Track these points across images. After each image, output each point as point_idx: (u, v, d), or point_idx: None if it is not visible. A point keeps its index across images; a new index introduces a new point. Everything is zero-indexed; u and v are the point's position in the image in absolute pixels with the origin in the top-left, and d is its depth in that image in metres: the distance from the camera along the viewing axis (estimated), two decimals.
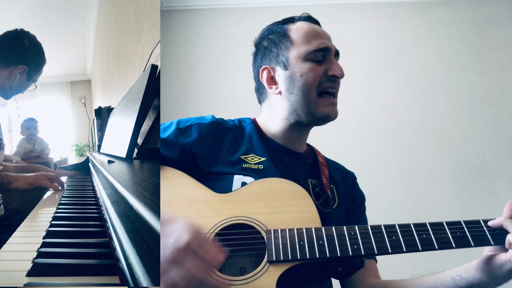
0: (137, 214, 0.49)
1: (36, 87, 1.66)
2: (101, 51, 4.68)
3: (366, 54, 2.86)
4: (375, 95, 2.77)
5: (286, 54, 0.93)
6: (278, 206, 0.77)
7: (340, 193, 0.99)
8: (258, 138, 0.95)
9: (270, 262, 0.69)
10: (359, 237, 0.71)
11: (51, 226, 0.93)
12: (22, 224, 1.01)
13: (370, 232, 0.72)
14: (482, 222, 0.73)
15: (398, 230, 0.71)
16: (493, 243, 0.71)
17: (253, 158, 0.91)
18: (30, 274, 0.65)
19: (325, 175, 0.97)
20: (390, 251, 0.70)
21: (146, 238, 0.47)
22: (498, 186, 2.50)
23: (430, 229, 0.71)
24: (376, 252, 0.70)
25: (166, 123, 0.95)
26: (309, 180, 0.95)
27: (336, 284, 0.97)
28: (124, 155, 1.22)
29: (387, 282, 0.91)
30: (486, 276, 0.73)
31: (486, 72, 2.74)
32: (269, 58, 0.96)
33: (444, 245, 0.70)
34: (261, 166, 0.89)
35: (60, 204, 1.23)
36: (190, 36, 3.00)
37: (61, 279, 0.64)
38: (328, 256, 0.69)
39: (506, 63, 2.74)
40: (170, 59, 2.96)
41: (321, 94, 0.91)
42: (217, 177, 0.87)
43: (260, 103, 1.03)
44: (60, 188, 1.54)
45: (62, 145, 6.36)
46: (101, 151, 2.29)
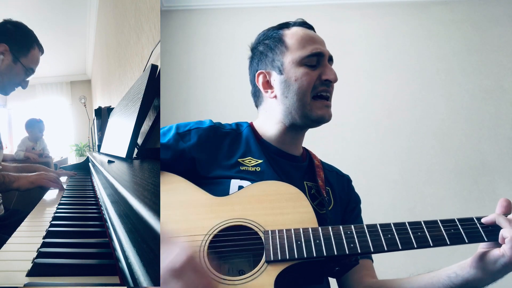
0: (137, 214, 0.49)
1: (33, 72, 1.53)
2: (101, 51, 4.68)
3: (366, 54, 2.86)
4: (375, 95, 2.77)
5: (281, 59, 0.95)
6: (275, 208, 0.78)
7: (335, 195, 1.00)
8: (255, 141, 0.96)
9: (268, 262, 0.70)
10: (355, 236, 0.72)
11: (51, 226, 0.93)
12: (22, 224, 1.01)
13: (366, 231, 0.73)
14: (475, 219, 0.74)
15: (394, 229, 0.73)
16: (486, 239, 0.72)
17: (250, 161, 0.92)
18: (30, 274, 0.65)
19: (320, 178, 0.99)
20: (386, 249, 0.71)
21: (146, 238, 0.47)
22: (498, 186, 2.50)
23: (424, 227, 0.73)
24: (372, 250, 0.71)
25: (165, 128, 0.96)
26: (305, 182, 0.96)
27: (334, 285, 0.97)
28: (124, 155, 1.22)
29: (384, 281, 0.91)
30: (481, 272, 0.74)
31: (486, 72, 2.74)
32: (264, 63, 0.98)
33: (438, 242, 0.71)
34: (258, 168, 0.91)
35: (60, 204, 1.23)
36: (190, 36, 3.00)
37: (61, 279, 0.64)
38: (325, 255, 0.70)
39: (506, 63, 2.74)
40: (170, 59, 2.96)
41: (315, 98, 0.93)
42: (214, 181, 0.88)
43: (257, 107, 1.04)
44: (62, 187, 1.55)
45: (62, 145, 6.36)
46: (101, 151, 2.29)
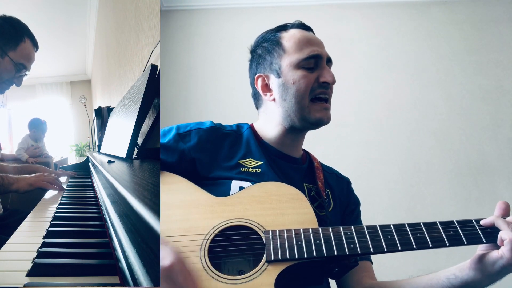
0: (137, 214, 0.49)
1: (27, 72, 1.46)
2: (101, 51, 4.68)
3: (366, 54, 2.86)
4: (375, 95, 2.77)
5: (279, 62, 0.95)
6: (275, 208, 0.79)
7: (335, 197, 1.00)
8: (256, 142, 0.97)
9: (269, 262, 0.70)
10: (355, 236, 0.73)
11: (51, 226, 0.93)
12: (22, 224, 1.01)
13: (366, 232, 0.74)
14: (474, 221, 0.75)
15: (393, 230, 0.73)
16: (485, 241, 0.73)
17: (250, 162, 0.93)
18: (30, 274, 0.65)
19: (320, 180, 0.99)
20: (385, 250, 0.71)
21: (146, 238, 0.47)
22: (498, 186, 2.50)
23: (424, 228, 0.73)
24: (372, 251, 0.71)
25: (166, 128, 0.96)
26: (304, 184, 0.97)
27: (334, 286, 0.97)
28: (124, 155, 1.22)
29: (383, 283, 0.91)
30: (480, 274, 0.74)
31: (486, 72, 2.74)
32: (263, 66, 0.98)
33: (438, 243, 0.72)
34: (259, 170, 0.91)
35: (60, 204, 1.23)
36: (190, 36, 3.00)
37: (61, 279, 0.64)
38: (325, 255, 0.71)
39: (506, 63, 2.74)
40: (170, 59, 2.96)
41: (313, 100, 0.93)
42: (215, 182, 0.89)
43: (257, 109, 1.05)
44: (62, 188, 1.54)
45: (62, 145, 6.36)
46: (101, 151, 2.29)
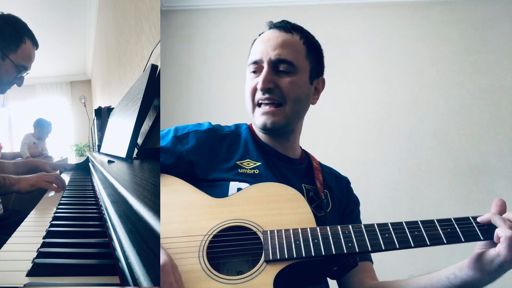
0: (137, 214, 0.49)
1: (27, 72, 1.45)
2: (101, 51, 4.68)
3: (366, 54, 2.85)
4: (375, 95, 2.77)
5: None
6: (273, 209, 0.79)
7: (334, 197, 1.00)
8: (254, 143, 0.97)
9: (267, 262, 0.71)
10: (353, 235, 0.73)
11: (51, 226, 0.93)
12: (22, 224, 1.01)
13: (364, 230, 0.74)
14: (471, 218, 0.75)
15: (391, 228, 0.74)
16: (482, 238, 0.73)
17: (248, 163, 0.93)
18: (30, 274, 0.64)
19: (319, 180, 0.99)
20: (383, 248, 0.72)
21: (146, 238, 0.47)
22: (498, 186, 2.50)
23: (421, 226, 0.74)
24: (370, 249, 0.72)
25: (164, 130, 0.97)
26: (303, 185, 0.96)
27: (333, 286, 0.97)
28: (124, 155, 1.22)
29: (384, 283, 0.91)
30: (479, 272, 0.75)
31: (486, 72, 2.74)
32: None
33: (435, 241, 0.72)
34: (256, 171, 0.91)
35: (60, 204, 1.23)
36: (190, 36, 3.00)
37: (61, 279, 0.64)
38: (323, 254, 0.71)
39: (506, 63, 2.74)
40: (170, 59, 2.96)
41: (259, 105, 0.94)
42: (213, 183, 0.89)
43: None
44: (61, 189, 1.54)
45: (62, 145, 6.36)
46: (101, 151, 2.29)
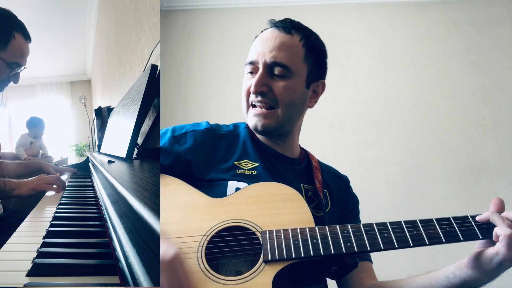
0: (137, 214, 0.49)
1: (23, 67, 1.38)
2: (101, 51, 4.68)
3: (366, 54, 2.86)
4: (375, 95, 2.77)
5: None
6: (272, 209, 0.79)
7: (333, 197, 1.00)
8: (252, 143, 0.96)
9: (266, 262, 0.70)
10: (352, 235, 0.73)
11: (51, 226, 0.93)
12: (22, 224, 1.01)
13: (363, 230, 0.74)
14: (470, 217, 0.75)
15: (390, 227, 0.74)
16: (481, 237, 0.73)
17: (246, 164, 0.92)
18: (30, 274, 0.65)
19: (318, 180, 0.98)
20: (382, 248, 0.71)
21: (146, 238, 0.47)
22: (498, 186, 2.50)
23: (420, 225, 0.74)
24: (368, 249, 0.71)
25: (162, 130, 0.96)
26: (302, 185, 0.96)
27: (332, 286, 0.97)
28: (124, 155, 1.22)
29: (383, 283, 0.91)
30: (478, 271, 0.74)
31: (486, 72, 2.75)
32: None
33: (434, 240, 0.72)
34: (254, 172, 0.91)
35: (60, 204, 1.23)
36: (190, 36, 3.00)
37: (61, 279, 0.64)
38: (322, 254, 0.71)
39: (506, 63, 2.74)
40: (170, 59, 2.96)
41: (253, 106, 0.93)
42: (211, 183, 0.88)
43: None
44: (61, 189, 1.54)
45: (62, 145, 6.36)
46: (101, 151, 2.29)
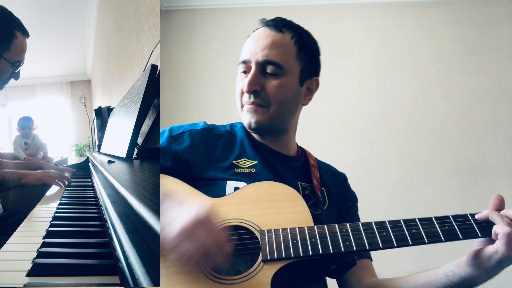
0: (137, 214, 0.49)
1: (22, 63, 1.38)
2: (101, 51, 4.68)
3: (366, 54, 2.85)
4: (375, 95, 2.77)
5: None
6: (271, 208, 0.79)
7: (330, 194, 1.00)
8: (249, 142, 0.96)
9: (265, 261, 0.70)
10: (351, 233, 0.73)
11: (51, 226, 0.93)
12: (22, 224, 1.01)
13: (361, 228, 0.74)
14: (469, 215, 0.75)
15: (389, 226, 0.73)
16: (480, 235, 0.72)
17: (245, 162, 0.92)
18: (30, 274, 0.65)
19: (315, 177, 0.98)
20: (381, 247, 0.71)
21: (146, 238, 0.47)
22: (498, 186, 2.50)
23: (419, 224, 0.73)
24: (367, 247, 0.71)
25: (161, 130, 0.96)
26: (299, 183, 0.96)
27: (331, 285, 0.97)
28: (124, 155, 1.22)
29: (383, 280, 0.91)
30: (477, 270, 0.74)
31: (486, 72, 2.74)
32: None
33: (433, 238, 0.72)
34: (253, 170, 0.91)
35: (60, 204, 1.23)
36: (190, 36, 3.00)
37: (61, 279, 0.64)
38: (321, 253, 0.70)
39: (506, 63, 2.74)
40: (170, 59, 2.96)
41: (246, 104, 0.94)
42: (210, 183, 0.88)
43: None
44: (66, 183, 1.58)
45: (62, 145, 6.36)
46: (101, 151, 2.29)
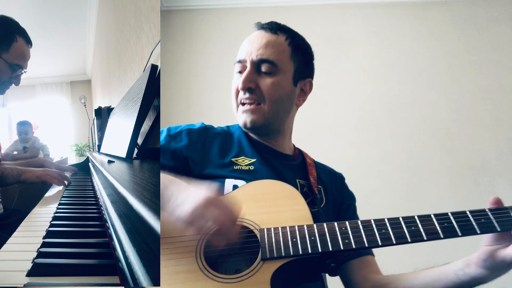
0: (137, 214, 0.49)
1: (24, 70, 1.44)
2: (101, 51, 4.68)
3: (366, 54, 2.86)
4: (375, 95, 2.77)
5: None
6: (270, 206, 0.79)
7: (327, 193, 1.00)
8: (247, 141, 0.97)
9: (264, 260, 0.70)
10: (350, 231, 0.73)
11: (51, 226, 0.93)
12: (22, 224, 1.01)
13: (360, 226, 0.73)
14: (468, 212, 0.74)
15: (388, 224, 0.73)
16: (479, 232, 0.72)
17: (243, 160, 0.93)
18: (30, 274, 0.64)
19: (312, 175, 0.99)
20: (380, 244, 0.71)
21: (146, 238, 0.47)
22: (498, 186, 2.50)
23: (418, 221, 0.73)
24: (366, 245, 0.71)
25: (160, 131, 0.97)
26: (297, 180, 0.97)
27: (335, 284, 0.97)
28: (124, 155, 1.22)
29: (390, 276, 0.90)
30: (488, 270, 0.74)
31: (486, 72, 2.74)
32: None
33: (432, 236, 0.71)
34: (252, 167, 0.92)
35: (60, 204, 1.23)
36: (190, 36, 3.00)
37: (61, 279, 0.64)
38: (320, 251, 0.70)
39: (506, 63, 2.74)
40: (170, 59, 2.96)
41: (242, 104, 0.95)
42: (209, 181, 0.88)
43: None
44: (65, 183, 1.58)
45: (62, 145, 6.36)
46: (101, 151, 2.29)
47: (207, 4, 3.03)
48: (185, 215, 0.65)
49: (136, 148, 1.23)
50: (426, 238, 0.71)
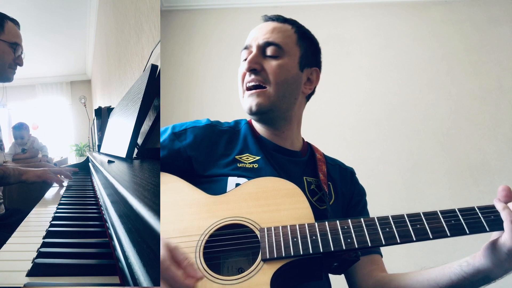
0: (137, 214, 0.49)
1: (22, 51, 1.47)
2: (101, 51, 4.68)
3: (366, 54, 2.85)
4: (375, 95, 2.77)
5: None
6: (271, 205, 0.77)
7: (337, 189, 0.98)
8: (252, 137, 0.96)
9: (264, 260, 0.69)
10: (352, 230, 0.70)
11: (51, 226, 0.93)
12: (22, 223, 1.01)
13: (364, 225, 0.71)
14: (476, 208, 0.71)
15: (392, 222, 0.70)
16: (488, 229, 0.69)
17: (247, 158, 0.92)
18: (30, 274, 0.65)
19: (322, 172, 0.97)
20: (383, 243, 0.68)
21: (146, 238, 0.47)
22: (498, 186, 2.49)
23: (424, 218, 0.70)
24: (369, 244, 0.69)
25: (162, 128, 0.97)
26: (304, 177, 0.95)
27: (337, 283, 0.97)
28: (124, 155, 1.22)
29: (394, 275, 0.89)
30: (491, 261, 0.71)
31: (486, 72, 2.74)
32: None
33: (438, 234, 0.68)
34: (255, 165, 0.90)
35: (60, 204, 1.23)
36: (190, 36, 3.00)
37: (61, 279, 0.64)
38: (321, 251, 0.69)
39: (506, 63, 2.74)
40: (170, 59, 2.96)
41: (248, 89, 0.94)
42: (211, 179, 0.88)
43: None
44: (67, 179, 1.59)
45: (62, 145, 6.36)
46: (101, 151, 2.29)
47: (207, 4, 3.03)
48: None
49: (136, 148, 1.23)
50: (432, 237, 0.68)
